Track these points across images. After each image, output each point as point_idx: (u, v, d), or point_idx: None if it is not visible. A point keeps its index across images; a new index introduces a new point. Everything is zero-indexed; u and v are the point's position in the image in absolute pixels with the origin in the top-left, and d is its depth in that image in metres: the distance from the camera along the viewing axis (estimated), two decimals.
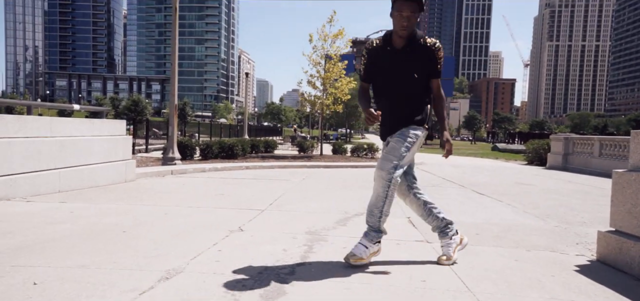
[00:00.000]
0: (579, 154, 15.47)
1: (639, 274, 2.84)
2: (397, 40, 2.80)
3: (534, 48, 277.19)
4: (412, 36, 2.79)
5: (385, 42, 2.85)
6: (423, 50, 2.82)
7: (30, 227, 3.62)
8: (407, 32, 2.74)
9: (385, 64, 2.86)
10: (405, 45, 2.80)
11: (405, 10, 2.66)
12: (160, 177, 8.51)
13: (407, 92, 2.86)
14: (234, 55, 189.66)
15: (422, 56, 2.82)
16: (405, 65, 2.82)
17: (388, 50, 2.83)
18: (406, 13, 2.66)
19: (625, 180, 3.10)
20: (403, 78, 2.84)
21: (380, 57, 2.87)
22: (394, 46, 2.82)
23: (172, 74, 10.68)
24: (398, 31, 2.75)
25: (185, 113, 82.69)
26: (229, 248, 3.16)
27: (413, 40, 2.79)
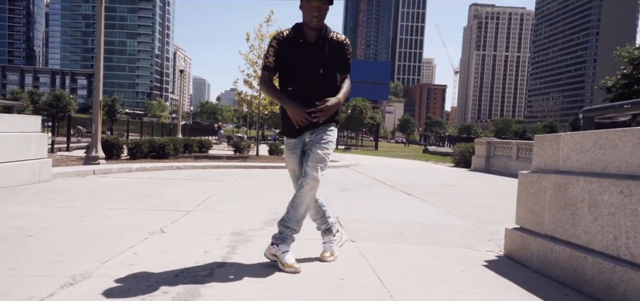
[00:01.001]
0: (500, 157, 16.59)
1: (537, 267, 3.09)
2: (309, 33, 2.77)
3: (463, 56, 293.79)
4: (323, 30, 2.79)
5: (297, 33, 2.80)
6: (335, 45, 2.84)
7: None
8: (318, 23, 2.72)
9: (297, 56, 2.79)
10: (317, 39, 2.79)
11: (315, 0, 2.65)
12: (81, 177, 7.98)
13: (320, 87, 2.82)
14: (169, 52, 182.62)
15: (334, 51, 2.83)
16: (318, 59, 2.80)
17: (300, 43, 2.78)
18: (316, 3, 2.65)
19: (528, 181, 3.36)
20: (316, 73, 2.81)
21: (291, 49, 2.80)
22: (306, 39, 2.79)
23: (97, 68, 10.06)
24: (308, 22, 2.73)
25: (114, 110, 78.35)
26: (146, 251, 3.03)
27: (325, 34, 2.80)
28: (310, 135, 2.86)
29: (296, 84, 2.83)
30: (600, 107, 3.03)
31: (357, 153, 32.82)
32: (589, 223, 2.65)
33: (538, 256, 3.10)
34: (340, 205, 5.85)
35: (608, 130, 2.59)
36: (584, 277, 2.62)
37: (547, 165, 3.27)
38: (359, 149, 45.19)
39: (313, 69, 2.81)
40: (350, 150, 40.58)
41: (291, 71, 2.84)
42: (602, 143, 2.67)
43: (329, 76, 2.87)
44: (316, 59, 2.80)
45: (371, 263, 3.04)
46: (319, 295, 2.32)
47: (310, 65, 2.80)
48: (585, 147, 2.83)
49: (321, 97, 2.77)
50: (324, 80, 2.84)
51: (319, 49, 2.80)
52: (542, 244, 3.06)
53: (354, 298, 2.31)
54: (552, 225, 3.01)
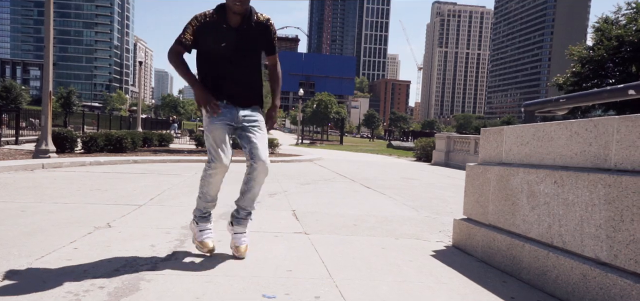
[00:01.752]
0: (459, 152, 17.07)
1: (481, 256, 3.20)
2: (233, 18, 2.71)
3: (426, 53, 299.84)
4: (248, 14, 2.75)
5: (220, 17, 2.72)
6: (258, 27, 2.80)
7: None
8: (242, 7, 2.66)
9: (219, 41, 2.72)
10: (241, 23, 2.74)
11: None
12: (28, 171, 7.62)
13: (242, 72, 2.80)
14: (129, 43, 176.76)
15: (257, 34, 2.80)
16: (242, 44, 2.75)
17: (224, 28, 2.71)
18: None
19: (474, 173, 3.47)
20: (240, 58, 2.77)
21: (213, 32, 2.72)
22: (229, 24, 2.73)
23: (46, 57, 9.61)
24: (232, 7, 2.65)
25: (70, 102, 75.19)
26: (88, 245, 2.92)
27: (249, 18, 2.76)
28: (244, 110, 2.83)
29: (217, 68, 2.77)
30: (540, 101, 3.16)
31: (321, 148, 32.95)
32: (527, 213, 2.76)
33: (482, 245, 3.21)
34: (297, 199, 5.85)
35: (545, 123, 2.70)
36: (521, 264, 2.73)
37: (492, 157, 3.38)
38: (324, 144, 45.36)
39: (235, 54, 2.75)
40: (315, 145, 40.68)
41: (211, 54, 2.77)
42: (540, 135, 2.79)
43: (252, 62, 2.84)
44: (239, 44, 2.74)
45: (321, 255, 3.06)
46: (263, 286, 2.31)
47: (232, 51, 2.74)
48: (525, 139, 2.94)
49: (242, 82, 2.81)
50: (246, 66, 2.82)
51: (242, 34, 2.74)
52: (486, 234, 3.17)
53: (299, 289, 2.31)
54: (495, 215, 3.12)
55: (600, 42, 20.57)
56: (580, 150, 2.44)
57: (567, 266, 2.34)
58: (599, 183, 2.20)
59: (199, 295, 2.12)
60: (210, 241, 2.89)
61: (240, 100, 2.82)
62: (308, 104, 72.70)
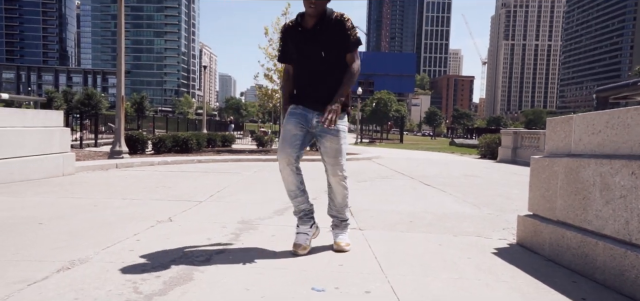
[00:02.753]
0: (527, 148, 16.12)
1: (549, 254, 2.96)
2: (308, 20, 2.75)
3: (491, 46, 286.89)
4: (323, 14, 2.74)
5: (297, 22, 2.80)
6: (333, 25, 2.76)
7: None
8: (315, 10, 2.68)
9: (298, 46, 2.81)
10: (315, 24, 2.75)
11: None
12: (103, 170, 8.19)
13: (323, 73, 2.78)
14: (195, 49, 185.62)
15: (333, 32, 2.76)
16: (317, 45, 2.76)
17: (299, 31, 2.78)
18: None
19: (540, 166, 3.23)
20: (317, 60, 2.78)
21: (293, 39, 2.82)
22: (305, 26, 2.77)
23: (118, 65, 10.30)
24: (307, 10, 2.71)
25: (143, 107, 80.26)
26: (149, 238, 3.06)
27: (324, 18, 2.75)
28: (317, 117, 2.79)
29: (301, 73, 2.84)
30: (614, 86, 2.89)
31: (381, 147, 32.57)
32: (600, 208, 2.52)
33: (550, 243, 2.98)
34: (353, 195, 5.75)
35: (620, 109, 2.44)
36: (595, 264, 2.49)
37: (559, 148, 3.12)
38: (383, 142, 44.81)
39: (313, 56, 2.77)
40: (374, 144, 40.31)
41: (296, 61, 2.87)
42: (614, 123, 2.53)
43: (331, 60, 2.79)
44: (315, 45, 2.75)
45: (374, 250, 2.98)
46: (313, 279, 2.29)
47: (309, 53, 2.77)
48: (597, 127, 2.68)
49: (325, 83, 2.77)
50: (326, 66, 2.79)
51: (317, 35, 2.75)
52: (554, 230, 2.93)
53: (349, 283, 2.27)
54: (564, 211, 2.88)
55: None
56: None
57: None
58: None
59: (248, 286, 2.14)
60: (300, 239, 2.84)
61: (311, 104, 2.80)
62: (367, 103, 72.25)
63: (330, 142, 2.79)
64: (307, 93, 2.81)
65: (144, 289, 2.03)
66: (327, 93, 2.76)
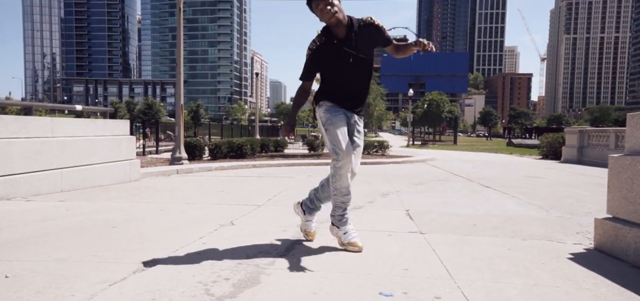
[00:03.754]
0: (595, 147, 15.12)
1: (634, 261, 2.73)
2: (338, 31, 2.77)
3: (550, 41, 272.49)
4: (349, 21, 2.78)
5: (328, 35, 2.80)
6: (364, 30, 2.82)
7: (19, 224, 3.66)
8: (337, 18, 2.70)
9: (335, 57, 2.80)
10: (347, 32, 2.77)
11: (321, 3, 2.64)
12: (165, 176, 8.57)
13: (362, 78, 2.92)
14: (247, 57, 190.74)
15: (366, 36, 2.81)
16: (355, 50, 2.79)
17: (335, 43, 2.79)
18: (322, 5, 2.64)
19: (621, 165, 2.99)
20: (356, 65, 2.83)
21: (329, 52, 2.81)
22: (338, 36, 2.78)
23: (178, 75, 10.75)
24: (327, 22, 2.74)
25: (198, 115, 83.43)
26: (214, 240, 3.14)
27: (352, 25, 2.78)
28: (354, 119, 2.98)
29: (339, 79, 2.88)
30: None
31: (434, 149, 31.83)
32: None
33: (635, 248, 2.74)
34: (411, 198, 5.67)
35: None
36: None
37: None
38: (436, 144, 43.80)
39: (352, 62, 2.82)
40: (426, 146, 39.49)
41: (333, 72, 2.89)
42: None
43: (367, 63, 2.90)
44: (354, 50, 2.80)
45: (439, 255, 2.89)
46: (379, 284, 2.24)
47: (348, 60, 2.81)
48: None
49: (362, 85, 2.94)
50: (362, 69, 2.89)
51: (353, 41, 2.79)
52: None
53: (417, 288, 2.20)
54: None
55: None
56: None
57: None
58: None
59: (316, 291, 2.13)
60: (359, 241, 2.92)
61: (351, 105, 2.95)
62: (418, 105, 70.88)
63: (359, 139, 2.98)
64: (346, 96, 2.91)
65: (215, 291, 2.08)
66: (363, 95, 3.00)
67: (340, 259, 2.71)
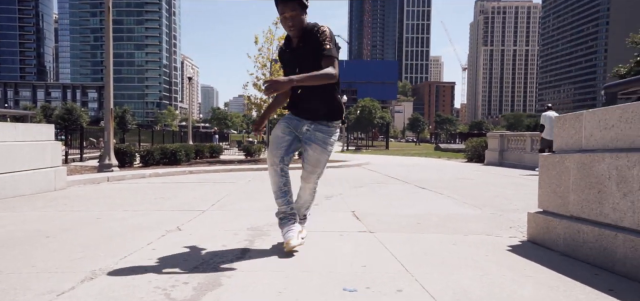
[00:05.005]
0: (513, 150, 16.39)
1: (563, 250, 3.00)
2: (293, 40, 2.89)
3: (471, 52, 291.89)
4: (303, 31, 2.84)
5: (286, 44, 2.98)
6: (308, 37, 2.82)
7: None
8: (295, 31, 2.82)
9: (290, 63, 2.96)
10: (298, 42, 2.87)
11: (287, 11, 2.74)
12: (95, 184, 8.03)
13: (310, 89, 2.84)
14: (177, 61, 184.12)
15: (313, 45, 2.81)
16: (300, 60, 2.87)
17: (287, 52, 2.96)
18: (288, 13, 2.74)
19: (550, 162, 3.28)
20: (308, 70, 2.81)
21: (284, 59, 3.02)
22: (292, 45, 2.91)
23: (106, 78, 10.14)
24: (287, 32, 2.89)
25: (125, 121, 79.13)
26: (164, 246, 3.00)
27: (304, 34, 2.83)
28: (309, 125, 2.94)
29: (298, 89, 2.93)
30: (624, 81, 2.94)
31: (367, 153, 32.73)
32: (617, 200, 2.56)
33: (564, 238, 3.02)
34: (354, 201, 5.80)
35: (634, 103, 2.50)
36: (615, 256, 2.54)
37: (569, 145, 3.18)
38: (369, 149, 45.05)
39: (295, 70, 2.87)
40: (360, 151, 40.48)
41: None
42: (628, 117, 2.59)
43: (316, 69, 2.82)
44: (299, 61, 2.87)
45: (392, 252, 2.98)
46: (342, 280, 2.27)
47: (293, 67, 2.90)
48: (610, 122, 2.74)
49: (315, 94, 2.87)
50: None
51: (300, 51, 2.87)
52: (569, 225, 2.97)
53: (378, 283, 2.26)
54: (578, 205, 2.93)
55: None
56: None
57: None
58: None
59: (281, 290, 2.11)
60: (293, 241, 2.89)
61: (303, 114, 2.95)
62: (351, 111, 72.58)
63: (313, 150, 2.94)
64: (298, 104, 2.96)
65: (176, 295, 1.99)
66: (318, 103, 2.89)
67: (300, 258, 2.72)
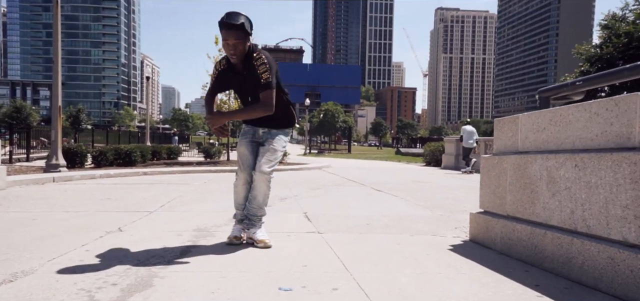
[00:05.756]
0: None
1: (501, 248, 3.11)
2: (236, 64, 2.98)
3: (431, 59, 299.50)
4: (245, 56, 2.95)
5: (229, 65, 3.05)
6: (252, 66, 2.96)
7: None
8: (237, 58, 2.91)
9: (235, 83, 3.11)
10: (243, 67, 2.98)
11: (230, 38, 2.82)
12: (39, 184, 7.64)
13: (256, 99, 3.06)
14: (136, 60, 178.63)
15: (253, 71, 2.97)
16: (243, 84, 3.05)
17: (230, 75, 3.07)
18: (231, 41, 2.82)
19: (490, 164, 3.39)
20: (245, 95, 3.11)
21: (225, 77, 3.10)
22: (234, 69, 3.03)
23: (55, 75, 9.70)
24: (230, 58, 2.94)
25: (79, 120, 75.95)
26: (100, 247, 2.88)
27: (247, 59, 2.95)
28: (263, 131, 3.18)
29: (241, 101, 3.21)
30: (555, 86, 3.09)
31: (329, 157, 32.87)
32: (547, 200, 2.68)
33: (501, 237, 3.12)
34: (308, 202, 5.79)
35: (562, 107, 2.63)
36: (544, 253, 2.65)
37: (508, 146, 3.30)
38: (332, 153, 45.27)
39: (242, 92, 3.12)
40: (323, 154, 40.61)
41: (238, 94, 3.23)
42: (557, 120, 2.71)
43: (256, 96, 3.01)
44: (245, 86, 3.05)
45: (335, 251, 2.99)
46: (279, 280, 2.25)
47: (239, 90, 3.14)
48: (542, 125, 2.87)
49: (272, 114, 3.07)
50: (253, 101, 3.05)
51: (245, 77, 3.01)
52: (505, 225, 3.08)
53: (315, 282, 2.25)
54: (514, 205, 3.04)
55: (608, 40, 20.32)
56: (601, 131, 2.36)
57: (593, 251, 2.26)
58: (624, 162, 2.12)
59: (213, 290, 2.06)
60: (235, 231, 3.19)
61: (258, 123, 3.18)
62: (314, 114, 72.77)
63: (269, 144, 3.14)
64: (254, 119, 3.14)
65: (101, 297, 1.90)
66: (271, 118, 3.11)
67: (239, 258, 2.67)
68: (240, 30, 2.80)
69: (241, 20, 2.80)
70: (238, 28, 2.79)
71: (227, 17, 2.80)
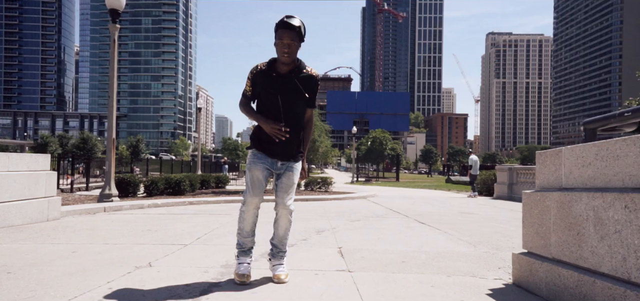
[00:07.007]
0: (523, 184, 16.03)
1: (546, 295, 2.81)
2: (281, 67, 3.01)
3: (483, 84, 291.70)
4: (296, 65, 3.03)
5: (270, 67, 3.03)
6: (305, 79, 3.05)
7: None
8: (289, 58, 2.94)
9: (269, 87, 3.02)
10: (289, 72, 3.01)
11: (286, 37, 2.89)
12: (90, 214, 8.00)
13: (292, 118, 3.06)
14: (192, 92, 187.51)
15: (304, 84, 3.03)
16: (286, 91, 3.01)
17: (273, 76, 3.01)
18: (286, 40, 2.89)
19: (532, 201, 3.12)
20: (288, 104, 3.03)
21: (264, 80, 3.03)
22: (279, 72, 3.01)
23: (110, 108, 10.27)
24: (280, 57, 2.96)
25: (138, 150, 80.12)
26: (123, 285, 2.89)
27: (298, 69, 3.03)
28: (281, 164, 3.11)
29: (266, 111, 3.07)
30: (602, 117, 2.83)
31: (377, 185, 32.42)
32: (595, 244, 2.40)
33: (546, 282, 2.83)
34: (345, 236, 5.63)
35: (608, 141, 2.36)
36: None
37: (551, 182, 3.02)
38: (379, 181, 44.65)
39: (276, 95, 3.02)
40: (370, 182, 40.15)
41: (263, 99, 3.09)
42: (603, 155, 2.44)
43: (294, 108, 3.05)
44: (284, 90, 3.01)
45: (361, 293, 2.83)
46: None
47: (278, 96, 3.02)
48: (587, 160, 2.59)
49: (292, 135, 3.06)
50: (289, 111, 3.03)
51: (289, 82, 3.01)
52: (550, 269, 2.80)
53: None
54: (559, 247, 2.75)
55: None
56: None
57: None
58: None
59: None
60: (243, 269, 3.08)
61: (280, 155, 3.09)
62: (362, 142, 72.46)
63: (287, 178, 3.12)
64: (274, 145, 3.04)
65: None
66: (292, 146, 3.08)
67: (261, 298, 2.58)
68: (295, 32, 2.91)
69: (299, 23, 2.93)
70: (295, 29, 2.90)
71: (287, 17, 2.92)
